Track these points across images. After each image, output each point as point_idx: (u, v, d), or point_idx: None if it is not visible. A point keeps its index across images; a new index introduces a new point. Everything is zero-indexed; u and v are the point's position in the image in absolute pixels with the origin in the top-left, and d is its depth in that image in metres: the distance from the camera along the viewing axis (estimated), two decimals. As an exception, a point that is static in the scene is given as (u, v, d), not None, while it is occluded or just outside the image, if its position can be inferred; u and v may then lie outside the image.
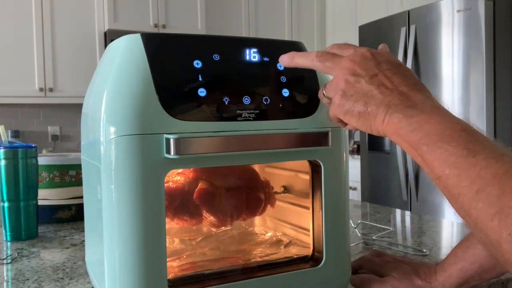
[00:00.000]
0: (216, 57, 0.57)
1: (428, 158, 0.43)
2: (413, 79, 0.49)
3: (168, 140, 0.51)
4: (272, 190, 0.74)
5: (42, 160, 1.11)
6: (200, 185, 0.68)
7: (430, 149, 0.43)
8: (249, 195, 0.71)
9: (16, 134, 3.38)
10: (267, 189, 0.73)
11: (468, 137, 0.41)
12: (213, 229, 0.80)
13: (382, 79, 0.48)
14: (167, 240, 0.54)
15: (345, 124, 0.54)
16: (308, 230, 0.66)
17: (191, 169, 0.68)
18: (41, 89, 3.26)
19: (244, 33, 3.89)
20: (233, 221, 0.72)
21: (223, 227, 0.80)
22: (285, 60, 0.57)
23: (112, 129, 0.51)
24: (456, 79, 2.37)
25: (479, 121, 2.28)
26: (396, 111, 0.46)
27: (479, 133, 0.42)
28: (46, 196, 1.12)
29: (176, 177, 0.69)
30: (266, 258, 0.68)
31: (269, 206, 0.74)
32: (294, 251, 0.69)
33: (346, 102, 0.50)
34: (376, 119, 0.47)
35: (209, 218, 0.69)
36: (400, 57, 2.60)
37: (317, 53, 0.53)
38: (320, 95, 0.56)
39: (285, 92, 0.59)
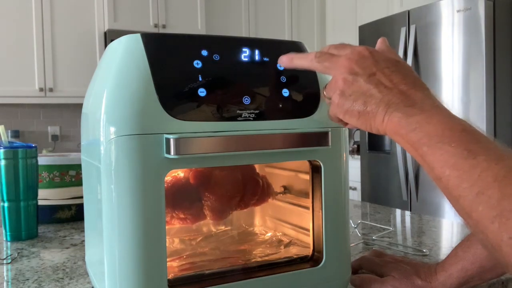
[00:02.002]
0: (216, 57, 0.57)
1: (428, 158, 0.43)
2: (413, 77, 0.48)
3: (168, 140, 0.51)
4: (269, 181, 0.73)
5: (42, 160, 1.11)
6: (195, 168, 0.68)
7: (430, 150, 0.42)
8: (246, 177, 0.70)
9: (16, 134, 3.38)
10: (264, 179, 0.73)
11: (469, 138, 0.41)
12: (213, 229, 0.80)
13: (380, 77, 0.48)
14: (167, 240, 0.54)
15: (346, 123, 0.54)
16: (308, 230, 0.66)
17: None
18: (41, 89, 3.25)
19: (244, 33, 3.89)
20: (233, 201, 0.71)
21: (223, 227, 0.81)
22: (284, 61, 0.57)
23: (112, 129, 0.51)
24: (456, 79, 2.37)
25: (479, 121, 2.28)
26: (396, 110, 0.46)
27: (479, 133, 0.42)
28: (46, 196, 1.12)
29: (173, 174, 0.69)
30: (266, 258, 0.67)
31: (269, 200, 0.73)
32: (294, 251, 0.69)
33: (345, 101, 0.49)
34: (376, 118, 0.47)
35: (208, 202, 0.68)
36: (400, 57, 2.59)
37: (315, 54, 0.53)
38: (321, 95, 0.56)
39: (285, 92, 0.59)
